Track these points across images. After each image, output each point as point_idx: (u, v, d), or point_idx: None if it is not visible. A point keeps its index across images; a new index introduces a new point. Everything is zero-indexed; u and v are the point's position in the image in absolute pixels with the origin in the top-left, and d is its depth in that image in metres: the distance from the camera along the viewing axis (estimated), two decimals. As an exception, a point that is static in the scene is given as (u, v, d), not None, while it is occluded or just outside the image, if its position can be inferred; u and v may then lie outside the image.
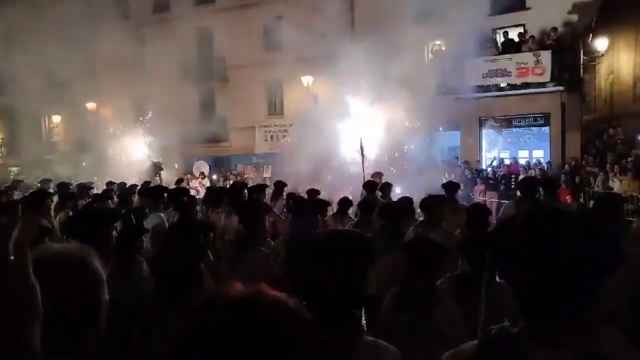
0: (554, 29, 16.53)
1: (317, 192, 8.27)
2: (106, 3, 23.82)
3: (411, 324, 2.67)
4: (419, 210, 5.25)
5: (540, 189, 5.45)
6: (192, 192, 9.47)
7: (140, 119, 20.03)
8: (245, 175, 19.52)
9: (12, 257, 0.79)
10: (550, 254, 1.12)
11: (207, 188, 11.39)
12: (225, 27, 21.72)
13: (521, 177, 14.15)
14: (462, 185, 14.78)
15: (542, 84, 16.25)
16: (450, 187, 6.74)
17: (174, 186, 11.30)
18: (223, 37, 22.32)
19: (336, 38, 17.00)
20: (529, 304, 1.17)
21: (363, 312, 1.87)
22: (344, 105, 17.85)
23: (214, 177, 20.28)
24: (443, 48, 18.53)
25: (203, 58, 23.42)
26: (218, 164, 22.66)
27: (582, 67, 17.10)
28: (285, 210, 7.13)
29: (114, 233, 3.31)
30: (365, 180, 9.53)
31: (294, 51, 18.28)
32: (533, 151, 18.39)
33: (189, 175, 19.35)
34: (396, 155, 17.72)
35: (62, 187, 9.93)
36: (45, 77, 22.52)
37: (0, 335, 0.75)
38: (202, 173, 19.79)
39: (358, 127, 17.51)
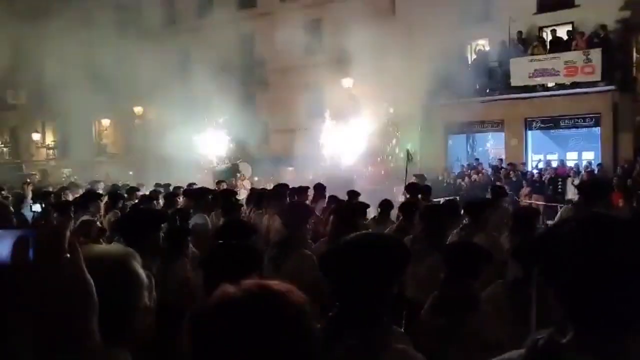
0: (603, 26, 15.91)
1: (357, 194, 8.23)
2: (152, 9, 24.55)
3: (448, 328, 2.63)
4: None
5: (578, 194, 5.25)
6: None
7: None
8: (288, 178, 19.63)
9: (67, 255, 0.83)
10: (604, 262, 1.07)
11: (250, 189, 11.52)
12: (266, 31, 21.99)
13: (576, 180, 13.66)
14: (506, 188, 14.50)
15: (592, 84, 15.66)
16: (497, 192, 6.58)
17: (216, 187, 11.49)
18: (263, 40, 22.61)
19: (377, 40, 16.92)
20: (580, 313, 1.12)
21: (402, 316, 1.85)
22: (384, 107, 17.76)
23: (255, 178, 20.51)
24: (487, 48, 18.15)
25: (244, 61, 23.78)
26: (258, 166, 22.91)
27: (634, 65, 16.37)
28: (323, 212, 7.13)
29: (161, 234, 3.40)
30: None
31: (334, 54, 18.33)
32: (582, 153, 17.76)
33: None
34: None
35: (113, 188, 10.30)
36: (95, 82, 23.44)
37: (63, 329, 0.80)
38: (242, 175, 20.03)
39: (398, 131, 17.40)
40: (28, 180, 16.53)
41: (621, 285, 1.06)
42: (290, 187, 8.05)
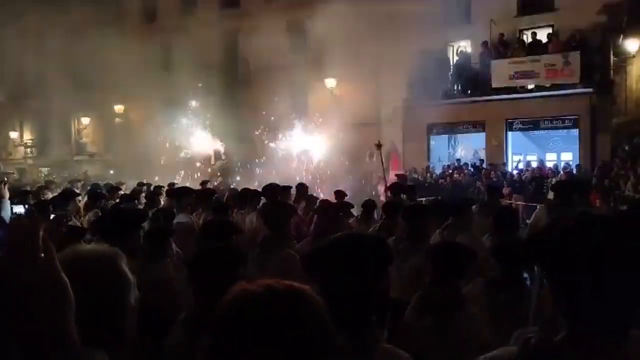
0: (579, 30, 16.22)
1: (344, 194, 8.25)
2: (135, 7, 24.23)
3: (434, 328, 2.64)
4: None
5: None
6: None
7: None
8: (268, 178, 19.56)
9: (42, 255, 0.81)
10: (606, 261, 1.09)
11: (230, 189, 11.44)
12: (250, 31, 21.90)
13: (553, 180, 13.89)
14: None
15: (571, 86, 15.92)
16: (493, 191, 6.62)
17: (200, 187, 11.39)
18: (248, 40, 22.50)
19: (359, 41, 16.97)
20: (578, 311, 1.13)
21: (386, 316, 1.86)
22: (367, 108, 17.82)
23: (237, 178, 20.40)
24: (469, 49, 18.33)
25: (228, 61, 23.63)
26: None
27: (612, 68, 16.71)
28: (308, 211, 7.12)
29: (141, 233, 3.36)
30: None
31: (317, 54, 18.32)
32: (561, 154, 18.05)
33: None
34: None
35: (93, 187, 10.13)
36: (74, 80, 23.07)
37: (40, 328, 0.79)
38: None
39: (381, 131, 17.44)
40: (5, 179, 16.17)
41: (620, 284, 1.08)
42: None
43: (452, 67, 18.23)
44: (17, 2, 22.75)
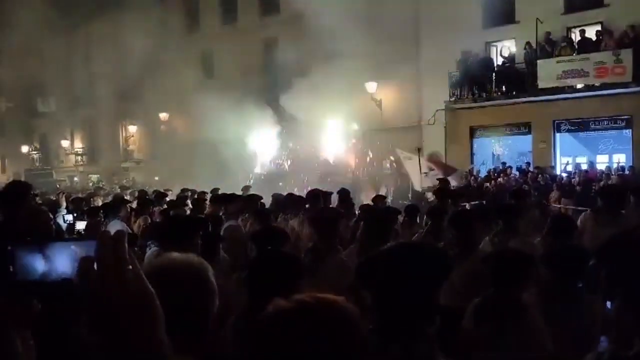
0: (632, 26, 15.51)
1: (384, 198, 8.19)
2: (177, 17, 24.89)
3: (493, 336, 2.56)
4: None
5: (631, 197, 5.09)
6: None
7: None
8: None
9: (130, 267, 0.81)
10: None
11: (273, 195, 11.51)
12: (290, 36, 22.07)
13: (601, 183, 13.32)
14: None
15: (623, 85, 15.26)
16: (520, 194, 6.45)
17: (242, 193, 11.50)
18: (287, 45, 22.68)
19: (402, 43, 16.83)
20: None
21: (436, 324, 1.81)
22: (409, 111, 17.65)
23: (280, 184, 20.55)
24: (513, 49, 17.88)
25: (268, 67, 23.90)
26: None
27: (667, 65, 15.92)
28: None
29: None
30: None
31: (357, 58, 18.27)
32: (613, 155, 17.30)
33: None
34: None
35: (140, 193, 10.42)
36: (121, 89, 23.85)
37: (132, 342, 0.79)
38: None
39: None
40: (58, 186, 16.89)
41: None
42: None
43: (495, 67, 17.82)
44: (68, 16, 23.79)
